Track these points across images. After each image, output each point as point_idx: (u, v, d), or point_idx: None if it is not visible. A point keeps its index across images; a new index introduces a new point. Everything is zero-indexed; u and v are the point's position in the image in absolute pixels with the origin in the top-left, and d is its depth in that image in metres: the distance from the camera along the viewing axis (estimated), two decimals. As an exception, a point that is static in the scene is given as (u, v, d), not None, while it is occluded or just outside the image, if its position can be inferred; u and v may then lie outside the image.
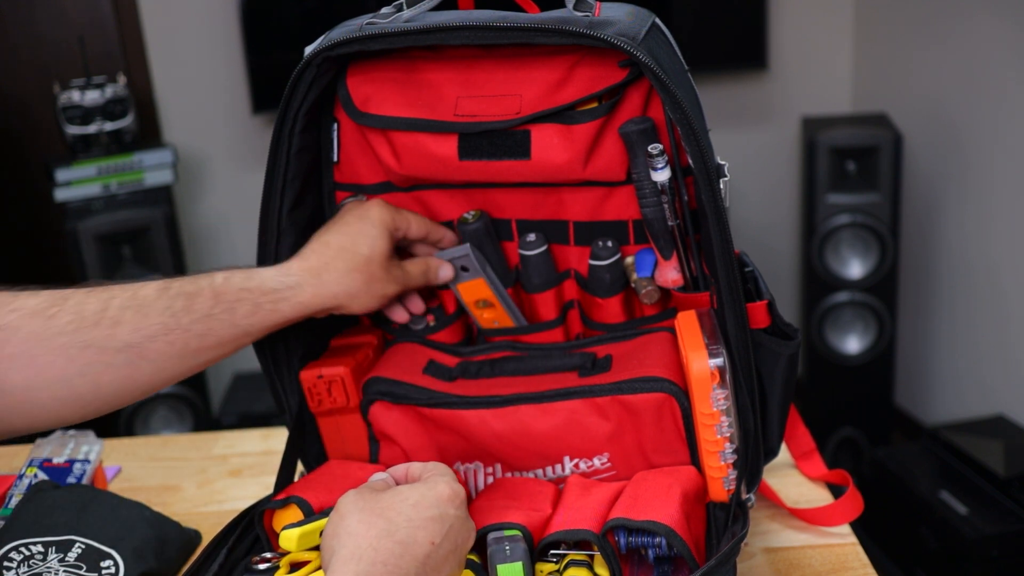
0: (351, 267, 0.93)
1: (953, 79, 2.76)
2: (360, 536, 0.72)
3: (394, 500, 0.75)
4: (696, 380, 0.86)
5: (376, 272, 0.94)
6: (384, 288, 0.95)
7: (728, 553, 0.79)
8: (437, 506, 0.75)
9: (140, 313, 0.85)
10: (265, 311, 0.90)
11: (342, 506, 0.76)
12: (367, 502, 0.75)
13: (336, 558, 0.71)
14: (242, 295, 0.89)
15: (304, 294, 0.91)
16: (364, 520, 0.73)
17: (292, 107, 0.93)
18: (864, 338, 2.82)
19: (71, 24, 3.02)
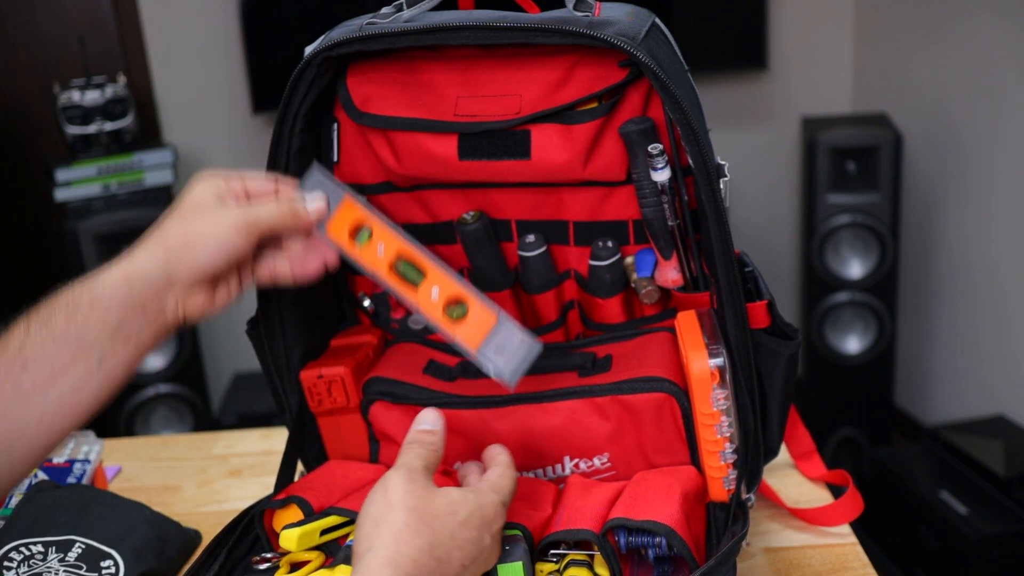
0: (166, 221, 0.82)
1: (953, 79, 2.76)
2: (403, 543, 0.70)
3: (444, 509, 0.73)
4: (696, 380, 0.86)
5: (198, 209, 0.82)
6: (216, 220, 0.81)
7: (728, 553, 0.79)
8: (479, 529, 0.75)
9: None
10: (84, 308, 0.78)
11: (392, 491, 0.73)
12: (419, 501, 0.73)
13: (374, 555, 0.69)
14: (55, 304, 0.79)
15: (118, 270, 0.80)
16: (411, 525, 0.71)
17: (292, 107, 0.93)
18: (864, 338, 2.82)
19: (71, 24, 3.02)
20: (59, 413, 0.77)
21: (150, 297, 0.80)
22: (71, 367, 0.77)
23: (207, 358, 3.06)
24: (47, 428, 0.78)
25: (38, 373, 0.77)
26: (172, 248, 0.80)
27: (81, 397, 0.78)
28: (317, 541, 0.88)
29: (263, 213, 0.84)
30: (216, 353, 3.23)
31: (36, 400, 0.76)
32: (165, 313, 0.82)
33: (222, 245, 0.81)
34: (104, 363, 0.78)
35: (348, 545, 0.85)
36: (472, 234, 0.98)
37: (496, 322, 0.86)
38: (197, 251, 0.81)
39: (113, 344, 0.79)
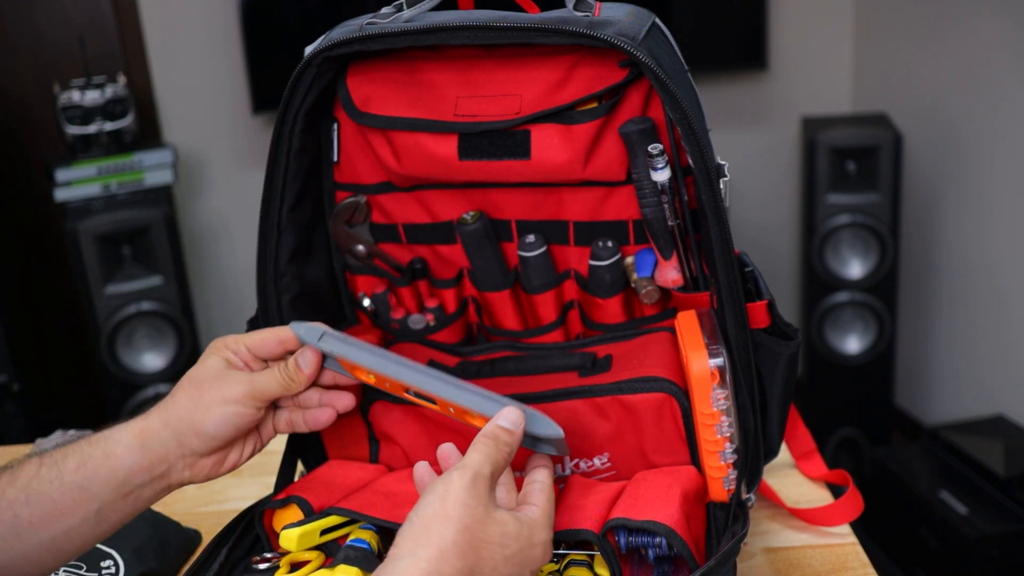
0: (177, 389, 0.86)
1: (953, 79, 2.76)
2: (445, 563, 0.69)
3: (495, 538, 0.72)
4: (696, 380, 0.86)
5: (207, 381, 0.85)
6: (223, 392, 0.84)
7: (728, 553, 0.79)
8: (522, 566, 0.73)
9: None
10: (96, 460, 0.81)
11: (451, 501, 0.71)
12: (475, 521, 0.71)
13: (414, 564, 0.68)
14: (70, 449, 0.82)
15: (133, 427, 0.83)
16: (459, 545, 0.70)
17: (292, 107, 0.93)
18: (864, 338, 2.82)
19: (71, 24, 3.02)
20: (48, 553, 0.80)
21: (159, 460, 0.83)
22: (70, 513, 0.80)
23: (207, 358, 3.05)
24: (32, 564, 0.80)
25: (38, 511, 0.80)
26: (183, 417, 0.84)
27: (72, 541, 0.81)
28: (317, 541, 0.88)
29: (264, 382, 0.86)
30: (216, 353, 3.22)
31: (30, 537, 0.79)
32: (170, 476, 0.85)
33: (228, 416, 0.85)
34: (101, 514, 0.81)
35: (348, 545, 0.85)
36: (472, 234, 0.98)
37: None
38: (205, 423, 0.84)
39: (114, 498, 0.82)
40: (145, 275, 2.71)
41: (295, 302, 1.00)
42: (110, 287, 2.67)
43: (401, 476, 0.97)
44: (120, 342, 2.71)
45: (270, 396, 0.87)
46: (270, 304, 0.99)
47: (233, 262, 3.22)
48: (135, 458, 0.82)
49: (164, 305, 2.71)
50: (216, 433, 0.84)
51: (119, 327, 2.69)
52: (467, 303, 1.05)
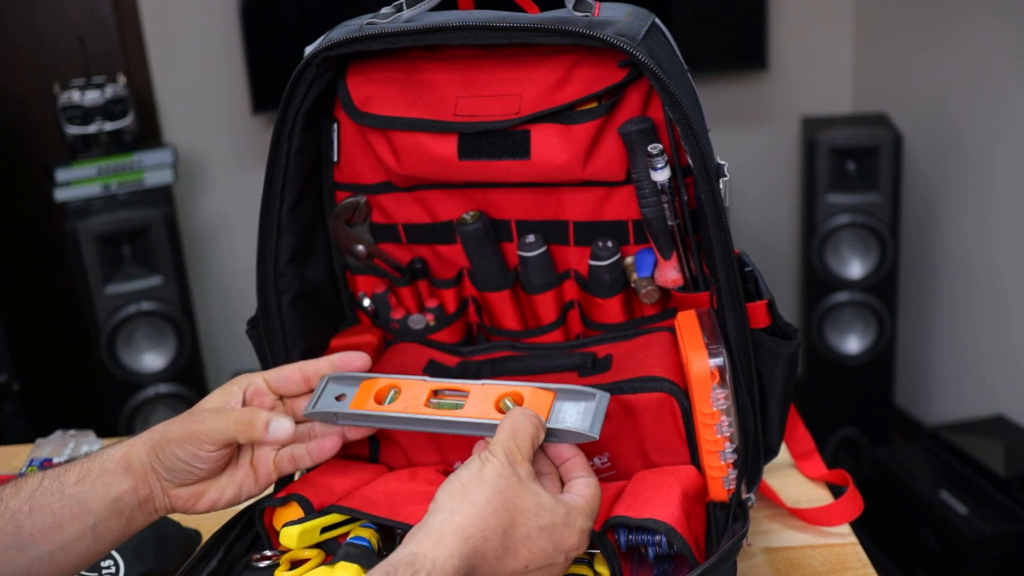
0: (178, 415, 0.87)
1: (953, 79, 2.76)
2: (480, 518, 0.72)
3: (531, 507, 0.74)
4: (696, 380, 0.86)
5: (195, 413, 0.86)
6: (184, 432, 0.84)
7: (729, 551, 0.79)
8: (556, 545, 0.75)
9: None
10: (93, 475, 0.83)
11: (488, 468, 0.74)
12: (509, 486, 0.74)
13: (449, 519, 0.71)
14: (74, 463, 0.84)
15: (123, 446, 0.85)
16: (493, 504, 0.72)
17: (292, 107, 0.93)
18: (864, 338, 2.82)
19: (71, 24, 3.02)
20: (46, 567, 0.81)
21: (141, 480, 0.84)
22: (68, 524, 0.81)
23: (207, 358, 3.06)
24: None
25: (40, 523, 0.81)
26: (157, 444, 0.85)
27: (69, 557, 0.82)
28: (317, 539, 0.88)
29: (220, 428, 0.84)
30: (216, 353, 3.23)
31: (31, 550, 0.80)
32: (154, 501, 0.85)
33: (183, 456, 0.84)
34: (96, 530, 0.82)
35: (348, 543, 0.85)
36: (472, 234, 0.99)
37: (555, 397, 0.83)
38: (164, 456, 0.84)
39: (108, 514, 0.83)
40: (145, 275, 2.71)
41: (295, 302, 1.00)
42: (110, 287, 2.67)
43: (401, 476, 0.97)
44: (120, 342, 2.71)
45: (220, 438, 0.84)
46: (270, 304, 0.99)
47: (233, 262, 3.22)
48: (122, 476, 0.84)
49: (164, 305, 2.71)
50: (172, 465, 0.84)
51: (119, 327, 2.69)
52: (467, 303, 1.05)
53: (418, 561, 0.68)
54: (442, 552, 0.69)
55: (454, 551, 0.69)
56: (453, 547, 0.70)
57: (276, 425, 0.85)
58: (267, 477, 0.89)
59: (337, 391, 0.89)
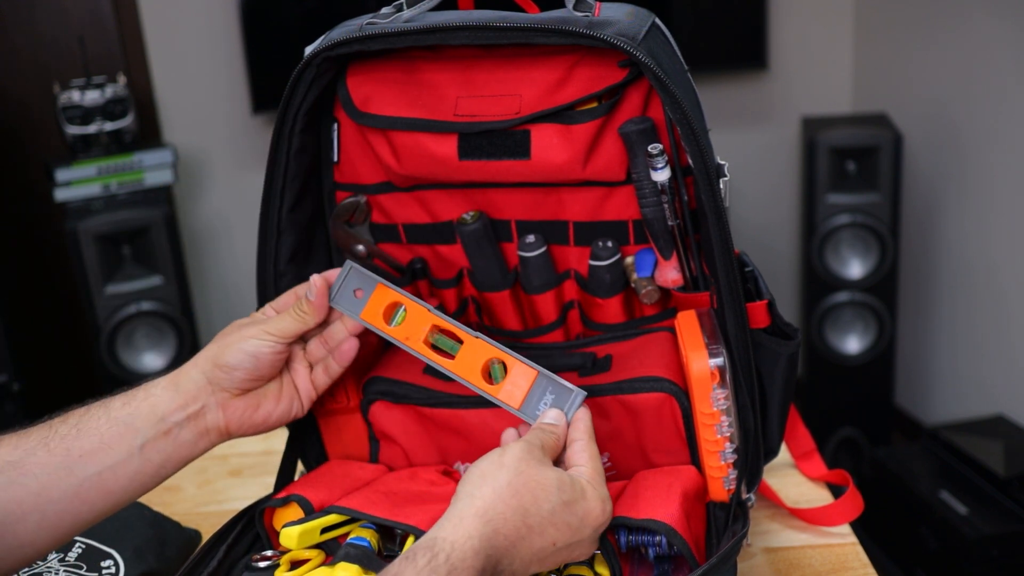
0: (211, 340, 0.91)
1: (953, 79, 2.76)
2: (500, 499, 0.73)
3: (551, 484, 0.76)
4: (696, 380, 0.86)
5: (232, 330, 0.90)
6: (242, 331, 0.89)
7: (729, 551, 0.79)
8: (581, 519, 0.77)
9: (22, 432, 0.83)
10: (139, 398, 0.86)
11: (508, 455, 0.76)
12: (529, 468, 0.76)
13: (469, 503, 0.73)
14: (117, 393, 0.87)
15: (170, 373, 0.89)
16: (513, 485, 0.74)
17: (292, 107, 0.93)
18: (864, 338, 2.82)
19: (71, 24, 3.02)
20: (95, 489, 0.83)
21: (191, 397, 0.87)
22: (116, 445, 0.84)
23: (207, 358, 3.05)
24: (81, 502, 0.82)
25: (87, 444, 0.83)
26: (208, 356, 0.89)
27: (117, 478, 0.84)
28: (317, 539, 0.88)
29: (278, 319, 0.90)
30: (216, 353, 3.22)
31: (79, 470, 0.82)
32: (205, 417, 0.88)
33: (246, 347, 0.88)
34: (144, 450, 0.85)
35: (348, 543, 0.85)
36: (472, 234, 0.99)
37: (536, 376, 0.86)
38: (226, 355, 0.88)
39: (156, 433, 0.85)
40: (145, 275, 2.71)
41: (295, 302, 1.00)
42: (110, 287, 2.67)
43: (401, 476, 0.97)
44: (120, 342, 2.71)
45: (286, 331, 0.90)
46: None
47: (233, 262, 3.22)
48: (170, 396, 0.86)
49: (164, 305, 2.71)
50: (236, 363, 0.87)
51: (119, 327, 2.69)
52: (467, 303, 1.05)
53: (437, 544, 0.70)
54: (461, 534, 0.71)
55: (473, 532, 0.71)
56: (472, 529, 0.71)
57: (309, 290, 0.90)
58: (308, 394, 0.93)
59: (355, 284, 0.92)
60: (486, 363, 0.88)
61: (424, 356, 0.90)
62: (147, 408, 0.85)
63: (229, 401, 0.88)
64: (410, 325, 0.91)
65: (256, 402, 0.90)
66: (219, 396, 0.88)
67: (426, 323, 0.90)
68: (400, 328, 0.91)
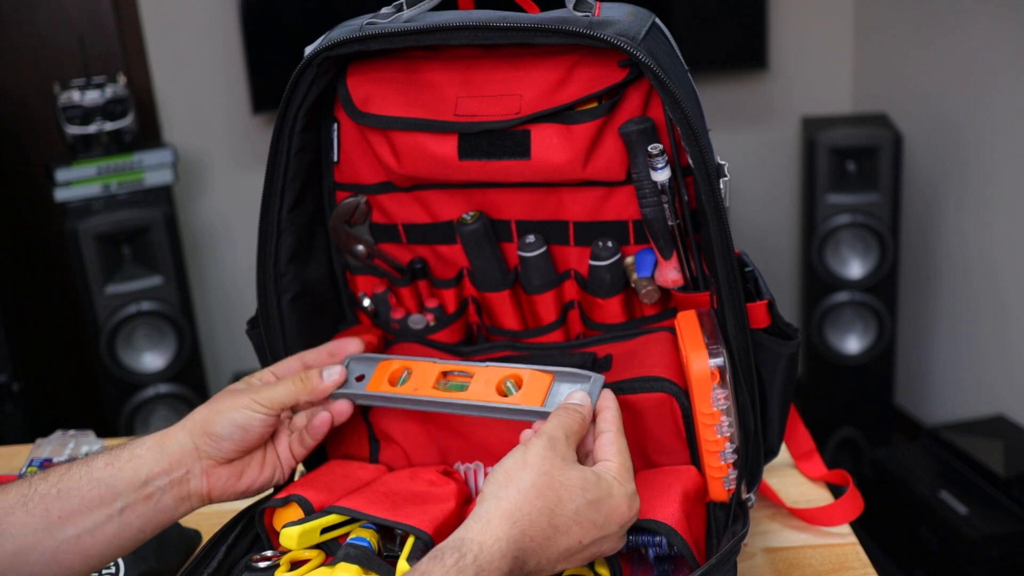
0: (204, 403, 0.91)
1: (953, 79, 2.76)
2: (526, 501, 0.73)
3: (576, 483, 0.76)
4: (696, 380, 0.86)
5: (224, 396, 0.90)
6: (233, 399, 0.89)
7: (728, 552, 0.79)
8: (607, 517, 0.76)
9: (2, 491, 0.82)
10: (123, 459, 0.85)
11: (531, 453, 0.76)
12: (553, 467, 0.75)
13: (496, 505, 0.73)
14: (101, 452, 0.87)
15: (156, 434, 0.88)
16: (538, 486, 0.74)
17: (292, 107, 0.93)
18: (864, 338, 2.82)
19: (71, 24, 3.02)
20: (73, 551, 0.82)
21: (177, 462, 0.86)
22: (96, 508, 0.83)
23: (207, 358, 3.06)
24: (59, 564, 0.81)
25: (67, 505, 0.82)
26: (198, 421, 0.88)
27: (96, 541, 0.83)
28: (317, 539, 0.88)
29: (275, 393, 0.90)
30: (216, 353, 3.23)
31: (58, 532, 0.81)
32: (188, 483, 0.87)
33: (238, 421, 0.88)
34: (124, 514, 0.84)
35: (348, 543, 0.85)
36: (472, 234, 0.98)
37: (552, 379, 0.87)
38: (215, 424, 0.88)
39: (136, 498, 0.84)
40: (145, 275, 2.71)
41: (295, 302, 1.00)
42: (110, 287, 2.67)
43: (401, 476, 0.97)
44: (120, 342, 2.71)
45: (277, 402, 0.90)
46: (270, 304, 0.99)
47: (233, 262, 3.22)
48: (155, 459, 0.86)
49: (164, 305, 2.71)
50: (226, 433, 0.87)
51: (119, 327, 2.69)
52: (467, 303, 1.05)
53: (465, 545, 0.70)
54: (489, 536, 0.71)
55: (501, 535, 0.71)
56: (500, 531, 0.71)
57: (328, 372, 0.93)
58: (288, 462, 0.94)
59: (357, 371, 0.95)
60: (499, 383, 0.89)
61: (437, 399, 0.91)
62: (130, 470, 0.84)
63: (214, 469, 0.88)
64: (417, 379, 0.93)
65: (240, 470, 0.90)
66: (204, 463, 0.88)
67: (433, 373, 0.92)
68: (407, 385, 0.93)
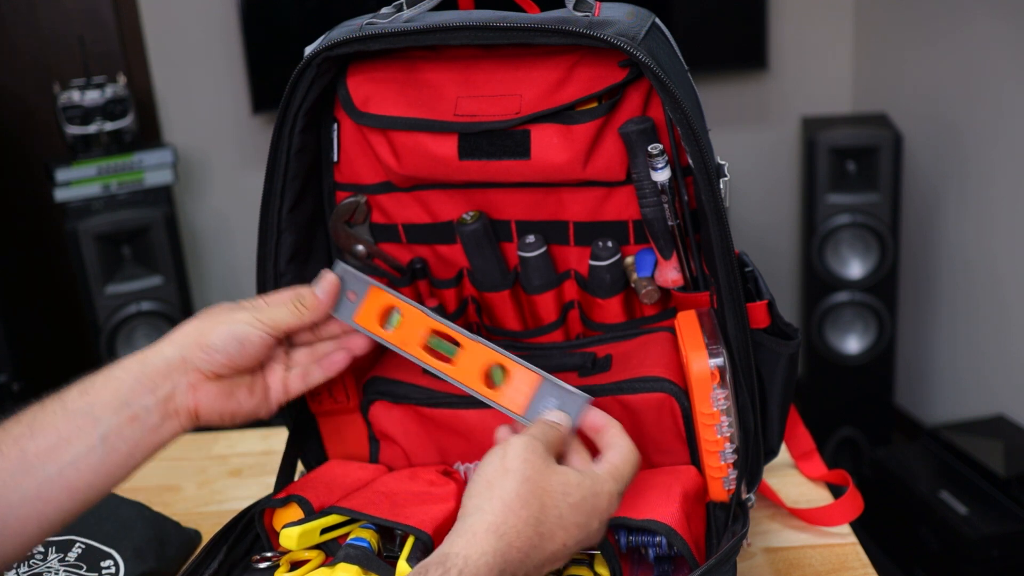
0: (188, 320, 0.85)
1: (953, 79, 2.76)
2: (511, 512, 0.72)
3: (557, 488, 0.74)
4: (696, 380, 0.86)
5: (216, 311, 0.84)
6: (231, 314, 0.84)
7: (728, 552, 0.79)
8: (588, 516, 0.75)
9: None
10: (98, 384, 0.80)
11: (510, 456, 0.74)
12: (535, 472, 0.74)
13: (481, 519, 0.71)
14: (72, 384, 0.81)
15: (136, 354, 0.82)
16: (522, 496, 0.72)
17: (292, 107, 0.93)
18: (864, 338, 2.82)
19: (71, 24, 3.02)
20: (57, 488, 0.77)
21: (161, 377, 0.81)
22: (75, 440, 0.77)
23: (207, 358, 3.06)
24: (44, 503, 0.77)
25: (43, 442, 0.77)
26: (187, 333, 0.83)
27: (81, 473, 0.77)
28: (317, 540, 0.88)
29: (276, 312, 0.85)
30: (216, 353, 3.22)
31: (38, 471, 0.76)
32: (175, 399, 0.82)
33: (236, 333, 0.83)
34: (107, 441, 0.78)
35: (348, 544, 0.85)
36: (472, 234, 0.98)
37: (540, 382, 0.85)
38: (211, 336, 0.82)
39: (119, 421, 0.79)
40: (145, 275, 2.71)
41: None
42: (110, 287, 2.67)
43: (401, 476, 0.97)
44: (120, 342, 2.71)
45: (279, 323, 0.85)
46: (270, 304, 0.99)
47: (233, 262, 3.22)
48: (135, 377, 0.80)
49: (164, 305, 2.71)
50: (221, 345, 0.82)
51: (119, 327, 2.69)
52: (467, 303, 1.05)
53: (450, 560, 0.69)
54: (475, 550, 0.69)
55: (487, 548, 0.69)
56: (486, 545, 0.70)
57: (320, 286, 0.87)
58: (278, 395, 0.89)
59: (350, 285, 0.90)
60: (486, 367, 0.87)
61: (422, 361, 0.89)
62: (108, 394, 0.79)
63: (201, 383, 0.82)
64: (406, 329, 0.89)
65: (229, 389, 0.84)
66: (192, 376, 0.81)
67: (423, 327, 0.89)
68: (396, 332, 0.90)
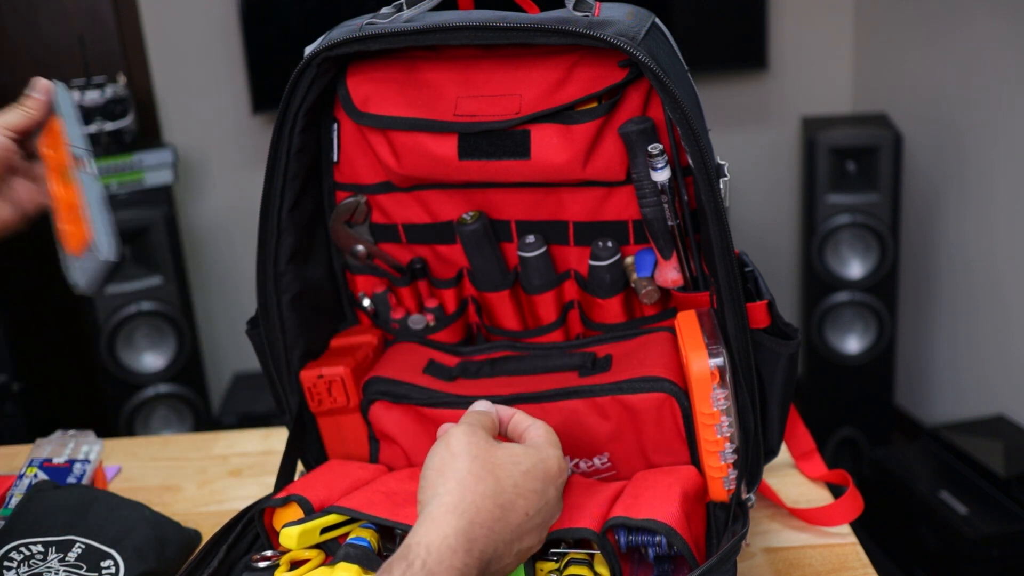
0: None
1: (953, 79, 2.76)
2: (467, 489, 0.72)
3: (506, 460, 0.76)
4: (696, 380, 0.86)
5: None
6: None
7: (728, 552, 0.79)
8: (543, 480, 0.77)
9: None
10: None
11: (453, 441, 0.76)
12: (481, 450, 0.75)
13: (438, 503, 0.72)
14: None
15: None
16: (474, 472, 0.74)
17: (292, 107, 0.93)
18: (864, 338, 2.82)
19: (71, 24, 3.02)
20: None
21: None
22: None
23: (207, 358, 3.06)
24: None
25: None
26: None
27: None
28: (317, 539, 0.88)
29: (9, 116, 0.90)
30: (216, 353, 3.23)
31: None
32: None
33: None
34: None
35: (348, 543, 0.85)
36: (472, 234, 0.99)
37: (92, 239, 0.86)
38: None
39: None
40: (145, 275, 2.71)
41: (295, 302, 1.00)
42: (110, 287, 2.67)
43: (401, 476, 0.97)
44: (120, 342, 2.71)
45: (13, 124, 0.89)
46: (270, 304, 0.99)
47: (233, 262, 3.22)
48: None
49: (164, 305, 2.71)
50: None
51: (119, 327, 2.69)
52: (467, 303, 1.05)
53: (412, 551, 0.69)
54: (436, 535, 0.69)
55: (448, 531, 0.70)
56: (447, 527, 0.70)
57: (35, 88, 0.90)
58: (30, 206, 0.92)
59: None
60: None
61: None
62: None
63: None
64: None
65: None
66: None
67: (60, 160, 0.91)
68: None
